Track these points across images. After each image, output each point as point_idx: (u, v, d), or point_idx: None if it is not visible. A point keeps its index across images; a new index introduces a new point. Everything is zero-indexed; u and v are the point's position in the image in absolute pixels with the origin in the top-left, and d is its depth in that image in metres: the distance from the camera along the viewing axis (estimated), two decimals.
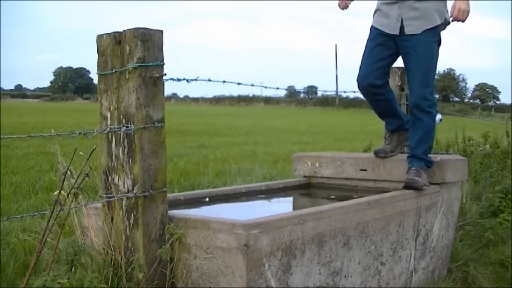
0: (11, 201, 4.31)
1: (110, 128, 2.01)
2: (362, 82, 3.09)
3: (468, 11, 2.98)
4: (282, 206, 3.12)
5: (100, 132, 2.02)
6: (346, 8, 3.27)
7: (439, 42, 3.04)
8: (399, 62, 3.17)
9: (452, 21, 3.02)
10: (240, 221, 1.92)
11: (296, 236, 2.06)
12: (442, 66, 63.32)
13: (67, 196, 1.83)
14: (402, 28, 3.00)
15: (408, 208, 2.76)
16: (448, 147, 5.60)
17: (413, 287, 2.87)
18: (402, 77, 3.79)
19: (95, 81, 2.22)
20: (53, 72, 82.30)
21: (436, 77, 3.20)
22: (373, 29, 3.15)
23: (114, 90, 2.04)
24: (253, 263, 1.90)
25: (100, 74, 2.08)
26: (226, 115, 26.55)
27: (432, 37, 3.00)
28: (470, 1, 3.00)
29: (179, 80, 2.10)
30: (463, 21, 3.00)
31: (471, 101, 66.12)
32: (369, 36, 3.17)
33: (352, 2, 3.27)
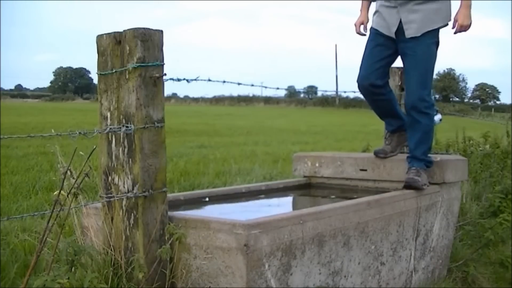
0: (11, 201, 4.30)
1: (110, 128, 2.01)
2: (363, 82, 3.09)
3: (470, 24, 3.00)
4: (282, 206, 3.12)
5: (100, 132, 2.02)
6: (364, 35, 3.24)
7: (437, 44, 3.04)
8: (399, 62, 3.17)
9: (455, 33, 3.02)
10: (240, 221, 1.92)
11: (296, 236, 2.06)
12: (442, 66, 63.33)
13: (67, 196, 1.83)
14: (399, 29, 3.00)
15: (408, 208, 2.76)
16: (448, 147, 5.59)
17: (413, 287, 2.87)
18: (402, 77, 3.79)
19: (95, 81, 2.22)
20: (53, 72, 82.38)
21: (436, 77, 3.22)
22: (372, 30, 3.15)
23: (114, 90, 2.04)
24: (253, 263, 1.90)
25: (100, 74, 2.08)
26: (226, 115, 26.55)
27: (431, 39, 2.99)
28: (471, 10, 2.99)
29: (179, 80, 2.10)
30: (465, 31, 3.03)
31: (471, 101, 66.09)
32: (368, 37, 3.17)
33: (368, 25, 3.25)
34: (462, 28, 3.00)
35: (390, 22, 3.02)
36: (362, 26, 3.26)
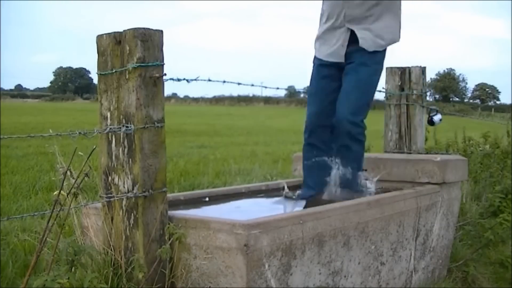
0: (11, 201, 4.30)
1: (110, 128, 2.01)
2: (315, 121, 2.93)
3: None
4: (282, 206, 3.12)
5: (100, 132, 2.02)
6: None
7: (381, 71, 2.92)
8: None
9: None
10: (240, 221, 1.92)
11: (296, 236, 2.06)
12: (442, 66, 63.39)
13: (67, 196, 1.83)
14: (346, 54, 2.87)
15: (408, 208, 2.76)
16: (448, 147, 5.59)
17: (413, 287, 2.87)
18: (402, 77, 3.80)
19: (95, 81, 2.23)
20: (53, 72, 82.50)
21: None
22: (316, 60, 2.99)
23: (114, 90, 2.04)
24: (253, 263, 1.89)
25: (100, 74, 2.08)
26: (226, 115, 26.57)
27: (377, 63, 2.87)
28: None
29: (179, 80, 2.10)
30: None
31: (471, 101, 66.15)
32: (312, 70, 3.01)
33: None
34: None
35: (337, 45, 2.88)
36: None
